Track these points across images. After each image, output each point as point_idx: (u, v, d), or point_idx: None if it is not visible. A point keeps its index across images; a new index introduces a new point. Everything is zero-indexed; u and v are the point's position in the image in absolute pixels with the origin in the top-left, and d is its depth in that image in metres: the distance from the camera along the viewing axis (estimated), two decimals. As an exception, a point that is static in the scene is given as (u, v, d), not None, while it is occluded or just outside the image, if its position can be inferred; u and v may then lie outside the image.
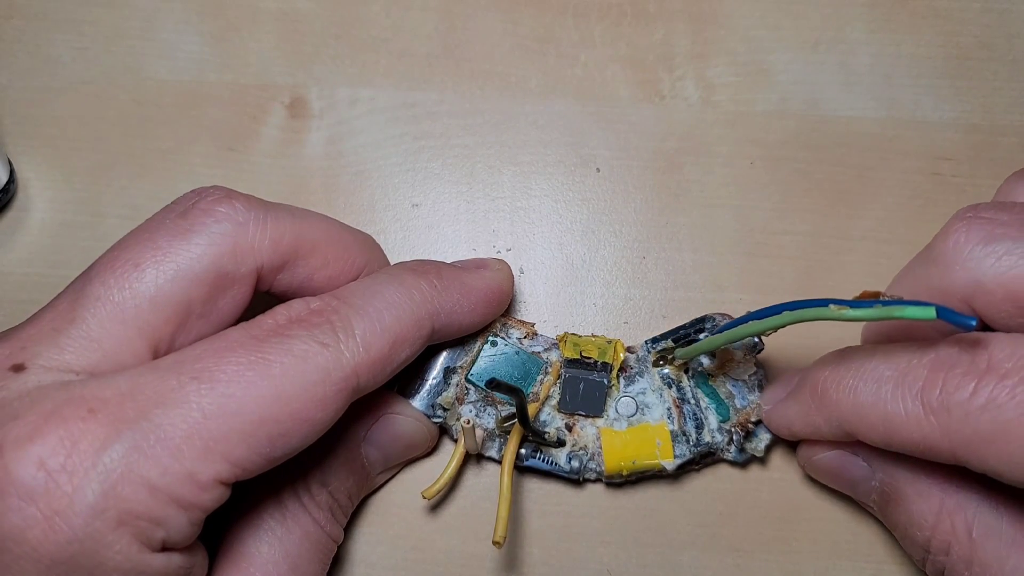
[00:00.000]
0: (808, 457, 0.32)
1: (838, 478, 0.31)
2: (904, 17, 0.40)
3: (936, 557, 0.28)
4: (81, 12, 0.40)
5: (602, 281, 0.37)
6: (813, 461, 0.32)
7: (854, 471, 0.30)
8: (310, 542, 0.30)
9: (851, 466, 0.30)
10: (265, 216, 0.29)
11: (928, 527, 0.28)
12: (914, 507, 0.28)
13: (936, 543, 0.28)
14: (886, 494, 0.29)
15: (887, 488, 0.29)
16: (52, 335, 0.26)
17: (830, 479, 0.32)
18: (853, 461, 0.30)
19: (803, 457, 0.33)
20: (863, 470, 0.30)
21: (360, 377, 0.27)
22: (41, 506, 0.23)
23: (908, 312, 0.24)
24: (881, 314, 0.25)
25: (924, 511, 0.28)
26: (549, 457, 0.33)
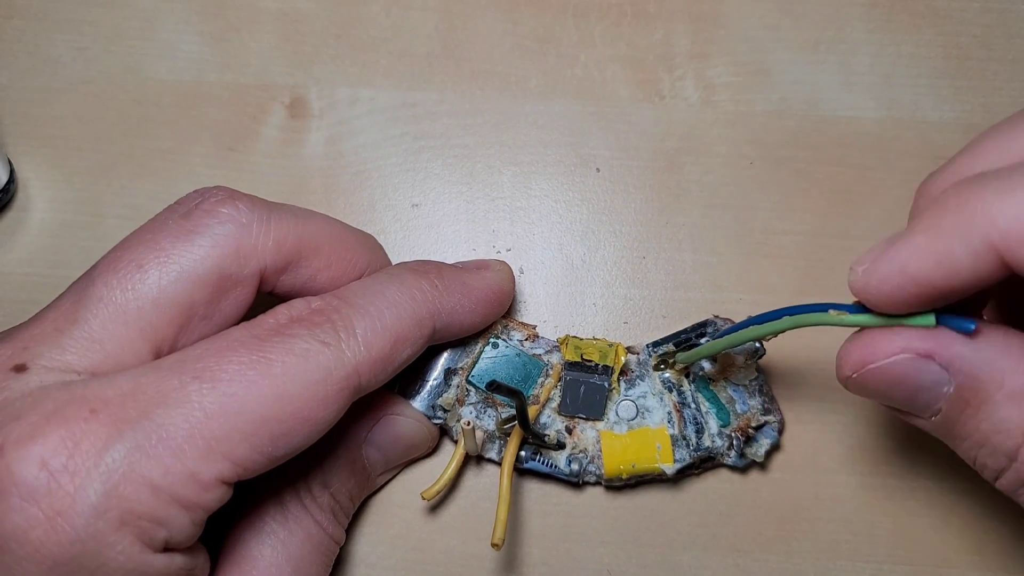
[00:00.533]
0: (864, 363, 0.26)
1: (899, 387, 0.26)
2: (904, 17, 0.40)
3: (1021, 465, 0.25)
4: (81, 12, 0.40)
5: (602, 281, 0.37)
6: (871, 370, 0.26)
7: (924, 376, 0.26)
8: (312, 544, 0.30)
9: (921, 371, 0.26)
10: (268, 217, 0.28)
11: (1019, 432, 0.25)
12: (1003, 412, 0.25)
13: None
14: (963, 400, 0.26)
15: (966, 393, 0.25)
16: (54, 335, 0.26)
17: (888, 388, 0.27)
18: (925, 365, 0.26)
19: (854, 365, 0.27)
20: (935, 375, 0.26)
21: (362, 376, 0.27)
22: (43, 506, 0.23)
23: (909, 320, 0.24)
24: (881, 321, 0.25)
25: (1016, 415, 0.25)
26: (549, 460, 0.33)
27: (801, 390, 0.35)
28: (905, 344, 0.25)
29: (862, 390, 0.27)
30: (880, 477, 0.35)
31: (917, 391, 0.26)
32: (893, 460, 0.35)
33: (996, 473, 0.26)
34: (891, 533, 0.34)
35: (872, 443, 0.35)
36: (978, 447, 0.26)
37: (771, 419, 0.33)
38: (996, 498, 0.34)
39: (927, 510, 0.34)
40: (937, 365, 0.25)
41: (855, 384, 0.27)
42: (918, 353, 0.26)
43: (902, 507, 0.34)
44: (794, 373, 0.35)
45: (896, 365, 0.26)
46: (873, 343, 0.26)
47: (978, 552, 0.34)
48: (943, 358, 0.26)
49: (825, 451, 0.35)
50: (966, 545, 0.34)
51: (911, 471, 0.35)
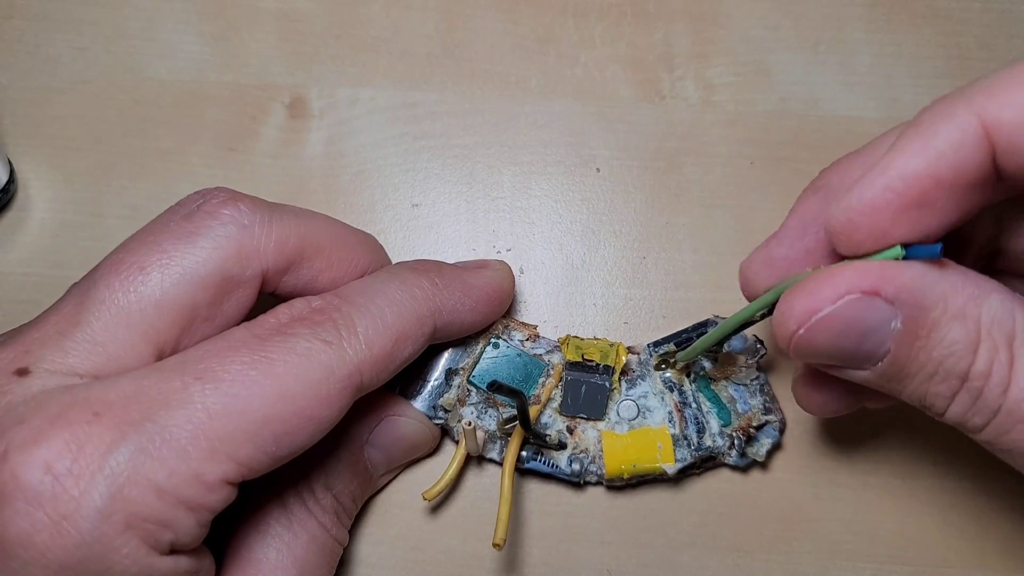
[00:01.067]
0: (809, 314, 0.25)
1: (847, 333, 0.25)
2: (904, 17, 0.40)
3: (973, 383, 0.25)
4: (81, 12, 0.40)
5: (602, 281, 0.37)
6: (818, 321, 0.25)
7: (871, 315, 0.25)
8: (316, 546, 0.30)
9: (868, 310, 0.25)
10: (270, 218, 0.28)
11: (969, 350, 0.25)
12: (951, 333, 0.25)
13: (978, 366, 0.25)
14: (911, 333, 0.25)
15: (912, 324, 0.25)
16: (56, 338, 0.26)
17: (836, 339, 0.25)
18: (871, 303, 0.25)
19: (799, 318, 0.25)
20: (882, 312, 0.25)
21: (363, 375, 0.27)
22: (48, 510, 0.23)
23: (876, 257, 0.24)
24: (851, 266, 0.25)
25: (962, 334, 0.25)
26: (550, 460, 0.33)
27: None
28: (848, 285, 0.25)
29: (807, 348, 0.26)
30: (880, 477, 0.35)
31: (865, 334, 0.25)
32: (893, 460, 0.35)
33: (948, 401, 0.26)
34: (891, 533, 0.34)
35: (872, 443, 0.35)
36: (928, 378, 0.26)
37: (772, 419, 0.33)
38: (996, 498, 0.34)
39: (927, 510, 0.34)
40: (882, 301, 0.25)
41: (801, 342, 0.25)
42: (863, 291, 0.25)
43: (902, 507, 0.34)
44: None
45: (843, 309, 0.25)
46: (816, 290, 0.25)
47: (978, 552, 0.34)
48: (888, 291, 0.25)
49: (825, 451, 0.35)
50: (966, 545, 0.34)
51: (911, 471, 0.35)
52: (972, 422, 0.25)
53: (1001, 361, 0.24)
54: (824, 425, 0.35)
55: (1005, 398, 0.25)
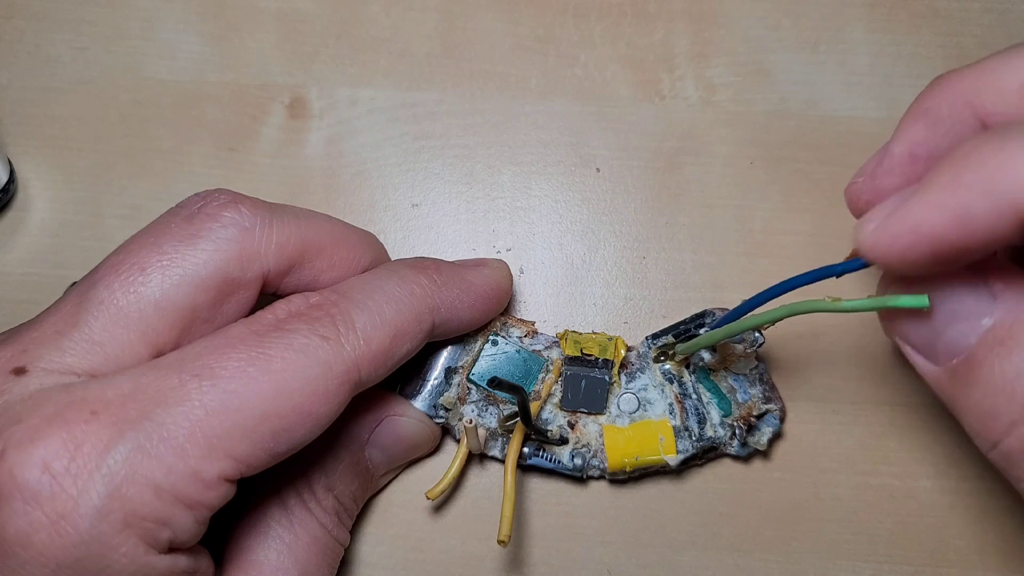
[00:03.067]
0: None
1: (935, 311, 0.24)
2: (904, 17, 0.40)
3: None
4: (81, 12, 0.40)
5: (602, 281, 0.37)
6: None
7: (968, 299, 0.23)
8: (318, 547, 0.30)
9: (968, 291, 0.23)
10: (271, 220, 0.28)
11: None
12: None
13: None
14: (997, 339, 0.23)
15: (1003, 331, 0.23)
16: (54, 338, 0.26)
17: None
18: (973, 287, 0.23)
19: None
20: (981, 300, 0.23)
21: (361, 370, 0.27)
22: (46, 509, 0.23)
23: (902, 301, 0.23)
24: (875, 304, 0.24)
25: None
26: (552, 455, 0.33)
27: (802, 390, 0.35)
28: None
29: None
30: (880, 477, 0.35)
31: (954, 317, 0.24)
32: (893, 460, 0.35)
33: (1006, 428, 0.23)
34: (891, 533, 0.34)
35: (872, 443, 0.35)
36: (995, 393, 0.23)
37: (772, 407, 0.33)
38: (996, 498, 0.34)
39: (927, 510, 0.34)
40: (986, 291, 0.23)
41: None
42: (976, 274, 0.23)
43: (902, 507, 0.34)
44: (796, 373, 0.35)
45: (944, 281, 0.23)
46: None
47: (978, 552, 0.34)
48: (996, 285, 0.23)
49: (825, 451, 0.35)
50: (966, 545, 0.34)
51: (911, 471, 0.35)
52: None
53: None
54: (824, 424, 0.35)
55: None
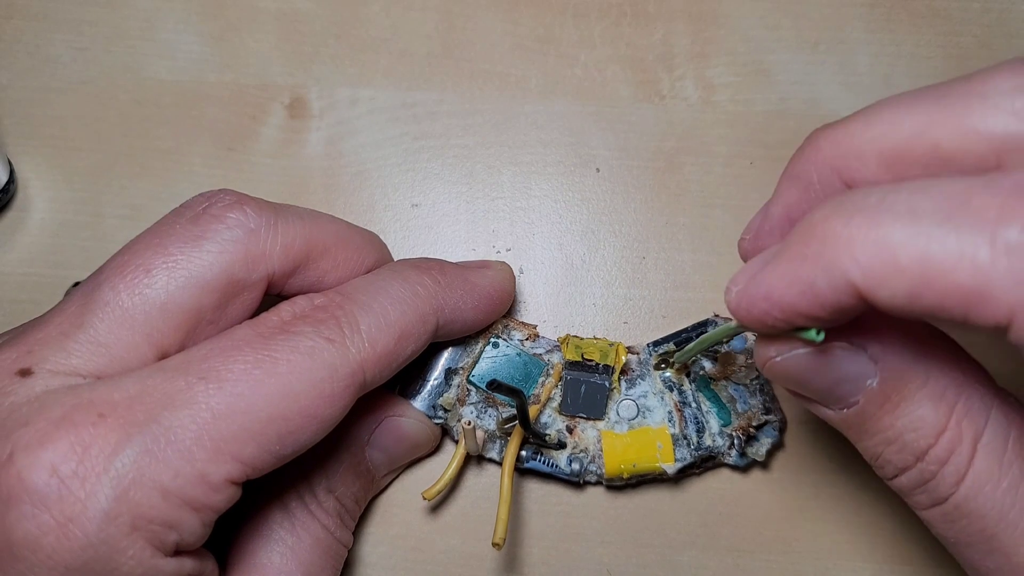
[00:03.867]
0: (792, 347, 0.25)
1: (821, 374, 0.25)
2: (904, 17, 0.40)
3: (927, 466, 0.25)
4: (81, 12, 0.40)
5: (602, 281, 0.37)
6: (791, 358, 0.25)
7: (848, 368, 0.25)
8: (321, 549, 0.30)
9: (848, 361, 0.25)
10: (276, 221, 0.28)
11: (933, 433, 0.24)
12: (921, 410, 0.24)
13: (937, 451, 0.24)
14: (884, 395, 0.25)
15: (888, 388, 0.25)
16: (59, 339, 0.26)
17: (809, 375, 0.25)
18: (853, 356, 0.25)
19: (780, 347, 0.25)
20: (862, 366, 0.25)
21: (367, 372, 0.27)
22: (55, 513, 0.23)
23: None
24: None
25: (932, 416, 0.24)
26: (550, 459, 0.33)
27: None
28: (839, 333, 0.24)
29: (781, 374, 0.26)
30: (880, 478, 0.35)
31: (839, 381, 0.25)
32: (893, 460, 0.35)
33: (897, 471, 0.26)
34: (891, 533, 0.34)
35: (872, 443, 0.35)
36: (886, 444, 0.26)
37: (772, 418, 0.33)
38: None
39: (927, 510, 0.34)
40: (866, 357, 0.25)
41: (776, 368, 0.25)
42: (850, 341, 0.25)
43: (902, 507, 0.34)
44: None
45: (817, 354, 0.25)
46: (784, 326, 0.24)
47: (978, 552, 0.34)
48: (875, 351, 0.25)
49: (825, 451, 0.35)
50: (966, 545, 0.34)
51: (911, 471, 0.35)
52: (917, 499, 0.26)
53: (962, 454, 0.24)
54: (824, 425, 0.35)
55: (957, 489, 0.24)
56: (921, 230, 0.20)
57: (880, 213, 0.21)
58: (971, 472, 0.24)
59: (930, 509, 0.26)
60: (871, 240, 0.21)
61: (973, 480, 0.24)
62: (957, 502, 0.25)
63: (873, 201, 0.21)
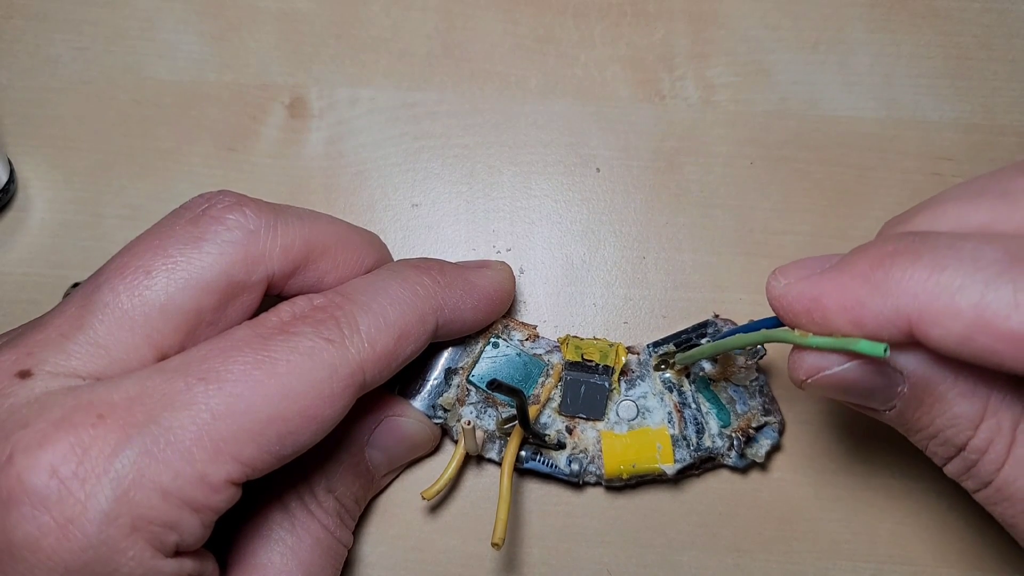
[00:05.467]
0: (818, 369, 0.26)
1: (854, 389, 0.26)
2: (904, 17, 0.40)
3: (969, 455, 0.26)
4: (81, 12, 0.40)
5: (602, 281, 0.37)
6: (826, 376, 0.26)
7: (877, 380, 0.26)
8: (321, 549, 0.30)
9: (875, 375, 0.26)
10: (275, 222, 0.28)
11: (970, 426, 0.25)
12: (956, 408, 0.25)
13: (976, 442, 0.25)
14: (917, 398, 0.26)
15: (920, 392, 0.26)
16: (59, 341, 0.26)
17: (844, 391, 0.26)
18: (878, 371, 0.25)
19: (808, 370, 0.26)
20: (890, 377, 0.26)
21: (366, 373, 0.27)
22: (55, 514, 0.23)
23: (861, 347, 0.24)
24: (837, 345, 0.25)
25: (967, 410, 0.25)
26: (549, 460, 0.33)
27: (801, 390, 0.35)
28: None
29: (818, 392, 0.27)
30: (880, 477, 0.35)
31: (872, 391, 0.26)
32: (893, 460, 0.35)
33: (944, 460, 0.27)
34: (891, 533, 0.34)
35: (872, 443, 0.35)
36: (930, 438, 0.27)
37: (771, 420, 0.33)
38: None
39: (927, 510, 0.34)
40: (891, 369, 0.26)
41: (810, 388, 0.27)
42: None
43: (902, 507, 0.34)
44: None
45: (849, 371, 0.26)
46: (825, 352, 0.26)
47: (978, 553, 0.34)
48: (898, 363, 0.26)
49: (825, 451, 0.35)
50: (966, 545, 0.34)
51: (911, 471, 0.35)
52: (966, 484, 0.27)
53: (1001, 441, 0.25)
54: (824, 425, 0.35)
55: (997, 475, 0.26)
56: (981, 277, 0.22)
57: (946, 257, 0.23)
58: (1011, 457, 0.25)
59: (977, 492, 0.27)
60: (933, 281, 0.23)
61: (1013, 464, 0.25)
62: (999, 485, 0.26)
63: (942, 245, 0.23)
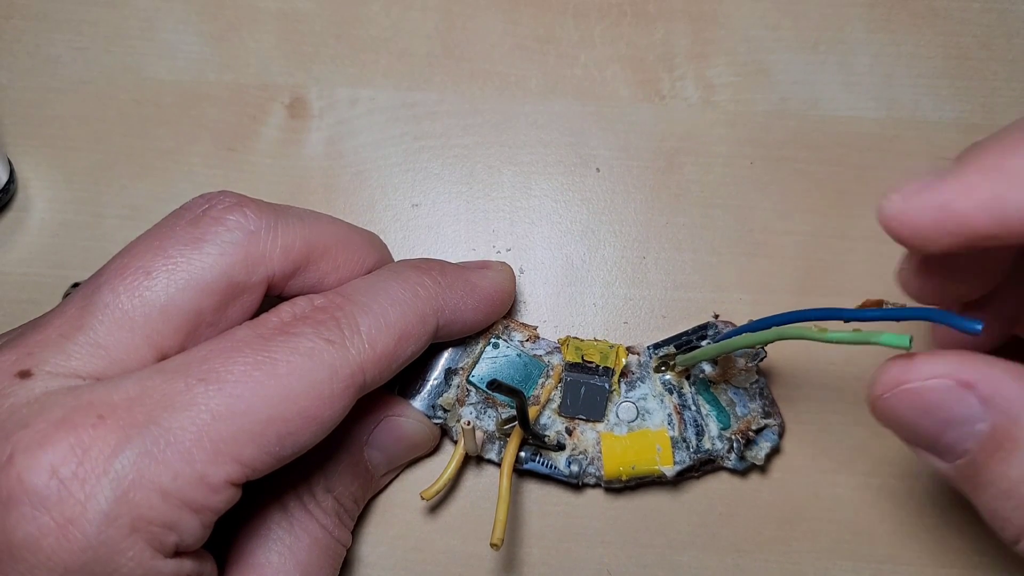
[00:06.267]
0: (898, 382, 0.24)
1: (929, 415, 0.24)
2: (904, 17, 0.40)
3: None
4: (81, 12, 0.40)
5: (602, 281, 0.37)
6: (904, 391, 0.24)
7: (958, 407, 0.23)
8: (319, 548, 0.30)
9: (957, 400, 0.23)
10: (276, 223, 0.28)
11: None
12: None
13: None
14: (995, 442, 0.23)
15: (1001, 434, 0.23)
16: (59, 341, 0.26)
17: (917, 415, 0.24)
18: (961, 396, 0.23)
19: (888, 383, 0.24)
20: (971, 408, 0.23)
21: (366, 374, 0.27)
22: (54, 514, 0.23)
23: (884, 339, 0.23)
24: (858, 338, 0.24)
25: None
26: (549, 461, 0.33)
27: (802, 390, 0.35)
28: (947, 369, 0.23)
29: (888, 415, 0.25)
30: (880, 478, 0.35)
31: (947, 424, 0.24)
32: (893, 461, 0.35)
33: (1018, 532, 0.23)
34: (891, 533, 0.34)
35: (872, 444, 0.35)
36: (1003, 497, 0.23)
37: (771, 422, 0.33)
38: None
39: (927, 511, 0.34)
40: (975, 398, 0.23)
41: (884, 406, 0.24)
42: (958, 380, 0.23)
43: (902, 507, 0.34)
44: (795, 373, 0.35)
45: (931, 389, 0.23)
46: (913, 364, 0.23)
47: (978, 553, 0.34)
48: (984, 391, 0.23)
49: (825, 451, 0.35)
50: (966, 546, 0.34)
51: (911, 472, 0.35)
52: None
53: None
54: (824, 426, 0.35)
55: None
56: None
57: None
58: None
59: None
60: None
61: None
62: None
63: None
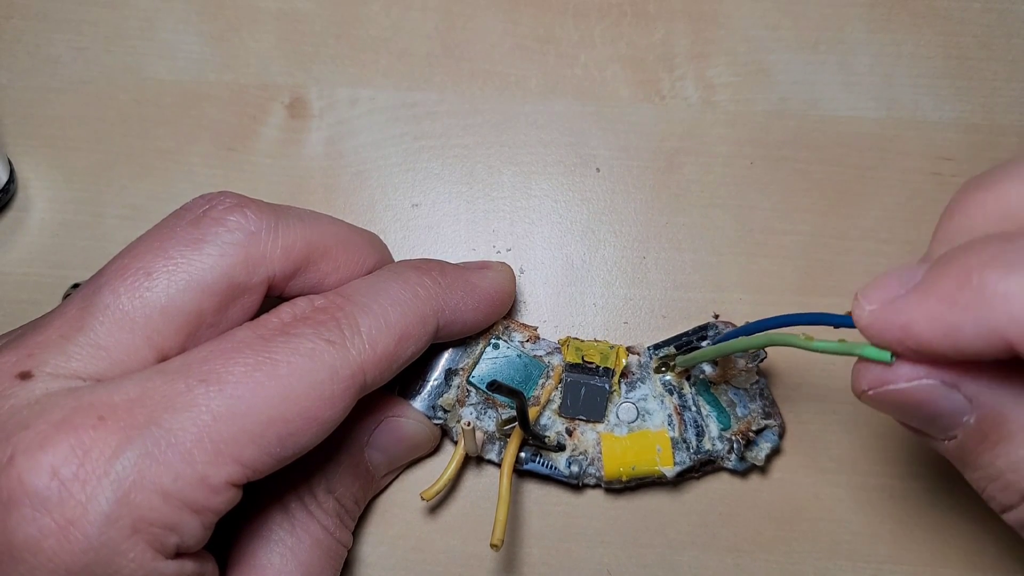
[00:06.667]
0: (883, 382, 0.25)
1: (917, 411, 0.25)
2: (904, 17, 0.40)
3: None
4: (81, 12, 0.40)
5: (602, 281, 0.37)
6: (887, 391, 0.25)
7: (943, 404, 0.24)
8: (321, 549, 0.30)
9: (942, 399, 0.24)
10: (276, 224, 0.28)
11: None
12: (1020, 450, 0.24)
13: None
14: (982, 433, 0.24)
15: (986, 426, 0.24)
16: (59, 342, 0.26)
17: (905, 411, 0.25)
18: (946, 394, 0.24)
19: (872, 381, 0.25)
20: (957, 404, 0.24)
21: (367, 374, 0.27)
22: (55, 516, 0.23)
23: (866, 352, 0.24)
24: (842, 349, 0.24)
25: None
26: (549, 461, 0.33)
27: (802, 390, 0.35)
28: (931, 369, 0.24)
29: (877, 406, 0.25)
30: (880, 478, 0.35)
31: (935, 416, 0.25)
32: (893, 461, 0.35)
33: (1004, 507, 0.25)
34: (891, 533, 0.34)
35: (872, 444, 0.35)
36: (990, 480, 0.25)
37: (771, 423, 0.33)
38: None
39: (927, 510, 0.34)
40: (960, 395, 0.24)
41: (870, 400, 0.25)
42: (943, 381, 0.24)
43: (902, 507, 0.34)
44: (795, 374, 0.35)
45: (917, 390, 0.24)
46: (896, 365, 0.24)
47: (977, 553, 0.34)
48: (969, 390, 0.24)
49: (825, 451, 0.35)
50: (965, 546, 0.34)
51: (911, 472, 0.35)
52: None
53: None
54: (824, 426, 0.35)
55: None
56: None
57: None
58: None
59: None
60: None
61: None
62: None
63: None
